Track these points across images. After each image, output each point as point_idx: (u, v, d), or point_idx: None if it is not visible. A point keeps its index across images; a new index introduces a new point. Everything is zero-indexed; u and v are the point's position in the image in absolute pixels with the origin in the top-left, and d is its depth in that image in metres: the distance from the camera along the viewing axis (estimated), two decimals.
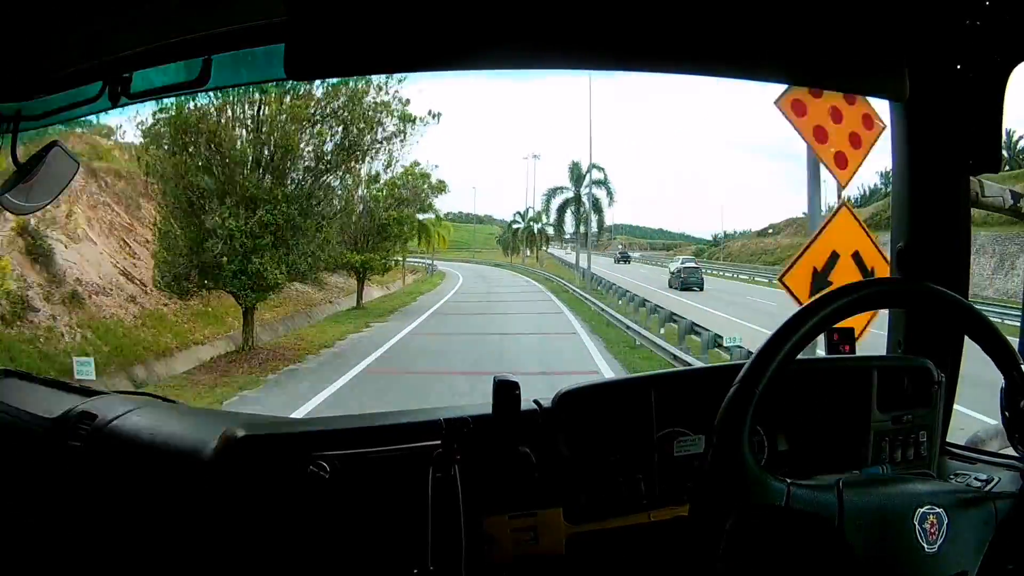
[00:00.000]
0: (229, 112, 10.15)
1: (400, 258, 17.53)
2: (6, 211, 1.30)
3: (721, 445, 0.69)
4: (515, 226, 32.11)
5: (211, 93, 8.78)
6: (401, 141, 11.96)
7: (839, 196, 2.95)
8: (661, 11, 1.02)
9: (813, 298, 0.75)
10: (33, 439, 1.23)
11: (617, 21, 1.01)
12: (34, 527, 1.24)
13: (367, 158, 12.04)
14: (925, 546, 0.73)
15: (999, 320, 1.12)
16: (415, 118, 11.94)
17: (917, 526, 0.73)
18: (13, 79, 1.22)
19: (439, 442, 0.93)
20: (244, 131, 10.35)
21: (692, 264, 21.65)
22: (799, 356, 0.75)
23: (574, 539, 1.00)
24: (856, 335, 1.27)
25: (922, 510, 0.74)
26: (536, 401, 1.05)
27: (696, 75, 1.03)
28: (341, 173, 11.44)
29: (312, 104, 10.34)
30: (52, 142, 1.26)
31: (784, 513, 0.69)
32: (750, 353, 0.80)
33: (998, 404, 0.79)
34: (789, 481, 0.70)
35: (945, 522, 0.74)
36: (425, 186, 15.19)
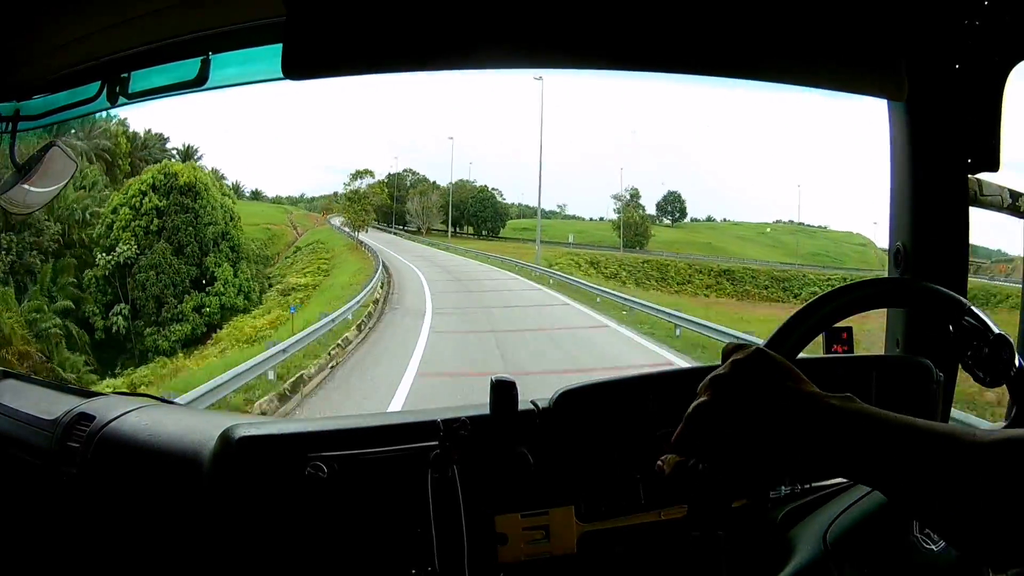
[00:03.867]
0: None
1: None
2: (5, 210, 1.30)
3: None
4: None
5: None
6: None
7: None
8: (659, 13, 1.02)
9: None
10: (31, 440, 1.23)
11: (617, 22, 1.02)
12: (33, 528, 1.24)
13: None
14: (934, 547, 0.73)
15: None
16: None
17: (919, 536, 0.73)
18: (11, 79, 1.22)
19: (436, 443, 0.93)
20: None
21: None
22: (798, 356, 0.74)
23: (586, 537, 1.00)
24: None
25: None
26: (533, 402, 1.05)
27: (693, 75, 1.03)
28: None
29: None
30: (50, 142, 1.26)
31: None
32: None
33: None
34: None
35: None
36: None
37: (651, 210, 39.00)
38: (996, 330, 0.70)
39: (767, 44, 1.04)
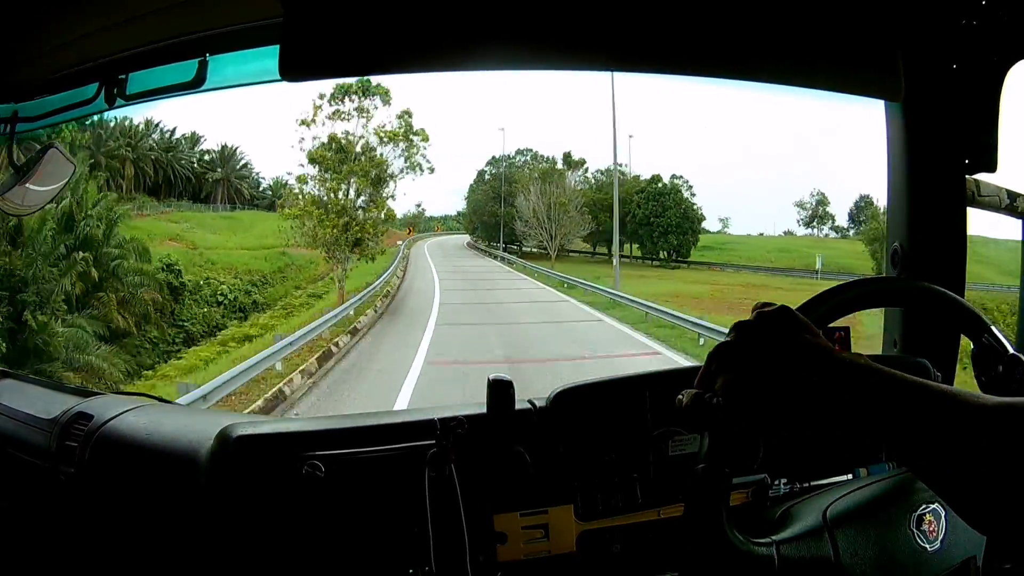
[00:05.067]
0: None
1: None
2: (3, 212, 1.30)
3: (702, 530, 0.63)
4: None
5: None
6: None
7: None
8: (658, 14, 1.03)
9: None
10: (30, 440, 1.23)
11: (616, 22, 1.02)
12: (31, 527, 1.24)
13: None
14: (928, 547, 0.73)
15: None
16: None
17: (915, 531, 0.73)
18: (9, 80, 1.22)
19: (433, 441, 0.93)
20: None
21: None
22: None
23: (585, 536, 1.00)
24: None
25: (917, 512, 0.74)
26: (530, 400, 1.05)
27: (691, 76, 1.03)
28: None
29: None
30: (48, 143, 1.26)
31: (779, 572, 0.67)
32: None
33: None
34: (775, 539, 0.69)
35: (943, 515, 0.74)
36: None
37: (842, 220, 29.60)
38: (1011, 350, 0.72)
39: (764, 45, 1.04)
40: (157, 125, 26.69)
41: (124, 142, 24.82)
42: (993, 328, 0.73)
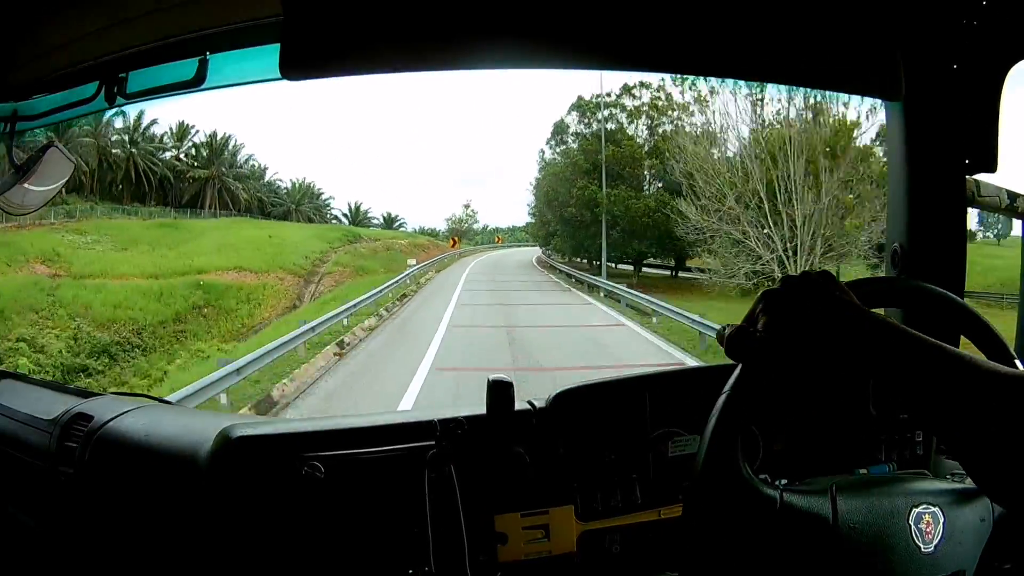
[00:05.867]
0: None
1: None
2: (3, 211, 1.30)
3: (713, 453, 0.68)
4: None
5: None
6: None
7: None
8: (659, 14, 1.03)
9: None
10: (30, 440, 1.23)
11: (617, 21, 1.02)
12: (31, 527, 1.24)
13: None
14: (921, 546, 0.73)
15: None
16: None
17: (912, 526, 0.73)
18: (9, 79, 1.22)
19: (433, 442, 0.93)
20: None
21: None
22: None
23: (586, 536, 1.00)
24: None
25: (917, 510, 0.74)
26: (530, 401, 1.06)
27: (692, 75, 1.03)
28: None
29: None
30: (48, 142, 1.26)
31: (778, 516, 0.69)
32: None
33: None
34: (782, 486, 0.70)
35: (941, 521, 0.74)
36: None
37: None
38: None
39: (765, 44, 1.04)
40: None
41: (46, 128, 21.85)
42: (1017, 361, 0.76)
